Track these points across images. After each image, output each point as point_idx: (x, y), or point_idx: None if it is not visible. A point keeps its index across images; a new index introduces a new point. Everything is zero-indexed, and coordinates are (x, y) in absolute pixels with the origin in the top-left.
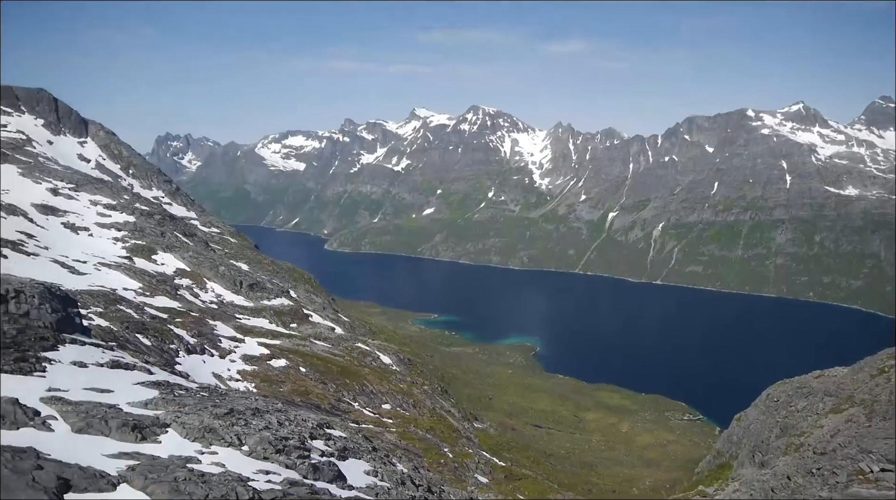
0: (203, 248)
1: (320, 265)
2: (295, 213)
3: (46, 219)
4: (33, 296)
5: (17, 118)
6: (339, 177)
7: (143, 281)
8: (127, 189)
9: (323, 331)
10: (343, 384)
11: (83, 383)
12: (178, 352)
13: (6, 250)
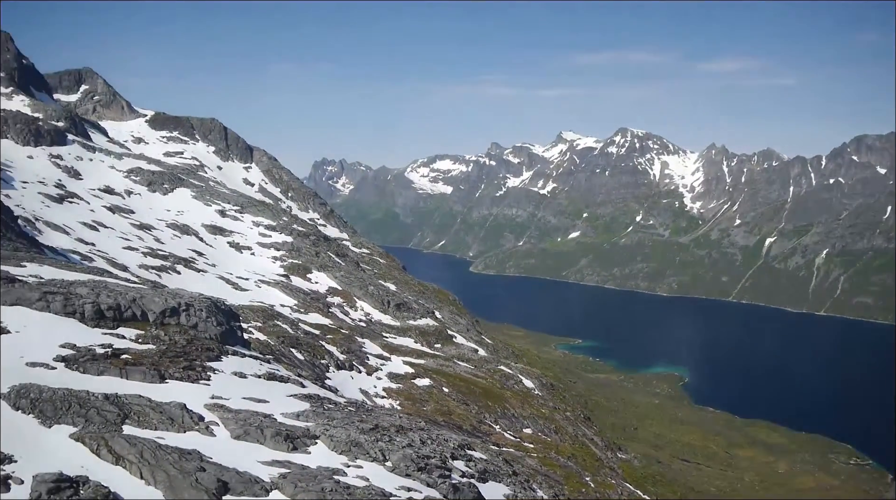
0: (354, 268)
1: (465, 287)
2: (441, 235)
3: (215, 238)
4: (201, 310)
5: (192, 146)
6: (485, 200)
7: (299, 298)
8: (286, 211)
9: (466, 352)
10: (485, 406)
11: (242, 393)
12: (328, 367)
13: (179, 266)
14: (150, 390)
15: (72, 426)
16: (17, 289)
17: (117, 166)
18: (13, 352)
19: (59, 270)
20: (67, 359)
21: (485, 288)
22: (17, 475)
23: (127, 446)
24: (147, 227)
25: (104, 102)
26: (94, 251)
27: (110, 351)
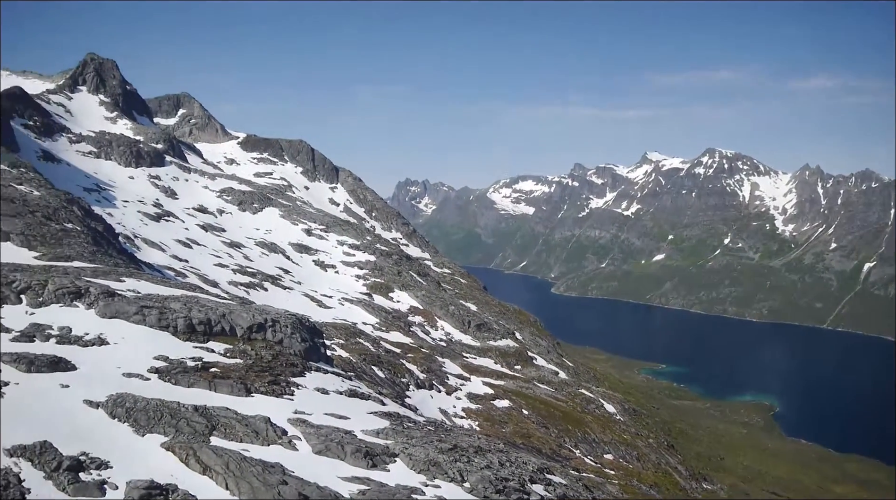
0: (435, 287)
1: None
2: (523, 256)
3: (301, 257)
4: (287, 326)
5: (280, 166)
6: (568, 221)
7: (381, 317)
8: (369, 231)
9: (546, 374)
10: (565, 430)
11: (324, 409)
12: (408, 386)
13: (266, 283)
14: (236, 403)
15: (163, 435)
16: (117, 303)
17: (210, 186)
18: (111, 363)
19: (155, 285)
20: (161, 371)
21: (566, 310)
22: (112, 480)
23: (214, 456)
24: (237, 245)
25: (200, 125)
26: (188, 268)
27: (200, 364)
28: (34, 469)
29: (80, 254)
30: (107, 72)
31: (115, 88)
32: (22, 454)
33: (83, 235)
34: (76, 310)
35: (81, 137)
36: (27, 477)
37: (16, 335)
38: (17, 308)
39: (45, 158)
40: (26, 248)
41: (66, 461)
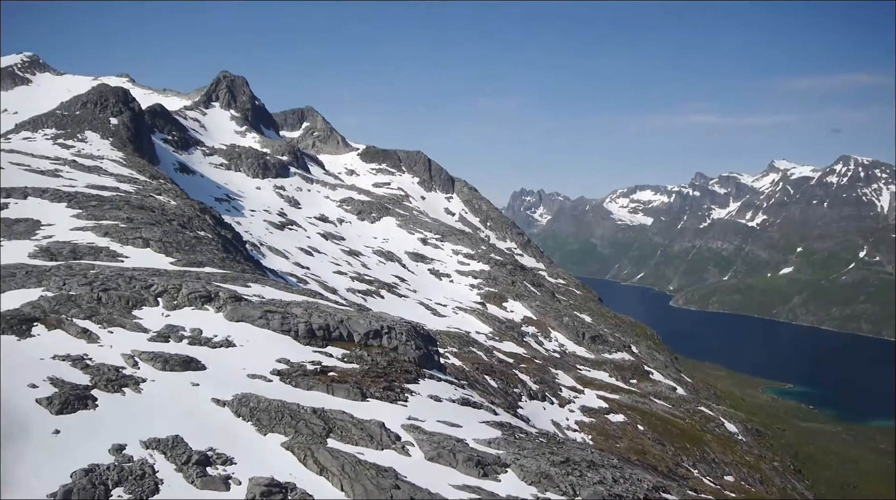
0: (549, 298)
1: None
2: (640, 267)
3: (416, 265)
4: (402, 333)
5: (398, 177)
6: (688, 232)
7: (494, 326)
8: (484, 240)
9: (663, 390)
10: (682, 448)
11: (437, 416)
12: (520, 396)
13: (383, 291)
14: (352, 407)
15: (283, 435)
16: (243, 307)
17: (331, 196)
18: (238, 364)
19: (278, 291)
20: (282, 373)
21: (685, 324)
22: (236, 475)
23: (330, 458)
24: (356, 253)
25: (322, 138)
26: (309, 275)
27: (319, 368)
28: (167, 461)
29: (211, 260)
30: (237, 88)
31: (245, 104)
32: (156, 447)
33: (214, 242)
34: (206, 313)
35: (214, 150)
36: (160, 468)
37: (153, 335)
38: (155, 310)
39: (181, 169)
40: (163, 254)
41: (195, 456)
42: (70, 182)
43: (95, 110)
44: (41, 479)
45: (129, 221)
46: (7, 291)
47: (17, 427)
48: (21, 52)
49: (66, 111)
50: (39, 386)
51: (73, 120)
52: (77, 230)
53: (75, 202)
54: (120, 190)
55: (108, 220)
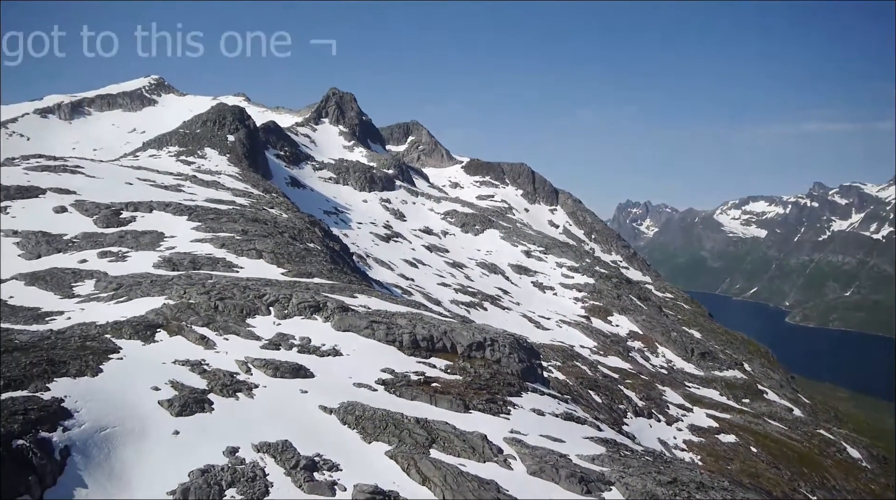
0: (656, 312)
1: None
2: (753, 282)
3: (519, 278)
4: (505, 346)
5: (502, 189)
6: (805, 245)
7: (598, 340)
8: (589, 253)
9: (779, 411)
10: (799, 473)
11: (539, 430)
12: (626, 413)
13: (486, 303)
14: (455, 419)
15: (387, 444)
16: (350, 317)
17: (436, 209)
18: (344, 372)
19: (383, 302)
20: (387, 383)
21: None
22: (341, 482)
23: (433, 468)
24: (459, 265)
25: (427, 151)
26: (413, 286)
27: (423, 379)
28: (276, 465)
29: (320, 271)
30: (346, 104)
31: (353, 119)
32: (266, 451)
33: (323, 254)
34: (315, 322)
35: (323, 164)
36: (270, 472)
37: (265, 343)
38: (267, 319)
39: (292, 183)
40: (275, 265)
41: (303, 461)
42: (191, 196)
43: (214, 128)
44: (162, 477)
45: (244, 234)
46: (134, 298)
47: (140, 427)
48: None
49: (188, 130)
50: (161, 389)
51: (194, 138)
52: (196, 242)
53: (195, 215)
54: (236, 204)
55: (224, 232)
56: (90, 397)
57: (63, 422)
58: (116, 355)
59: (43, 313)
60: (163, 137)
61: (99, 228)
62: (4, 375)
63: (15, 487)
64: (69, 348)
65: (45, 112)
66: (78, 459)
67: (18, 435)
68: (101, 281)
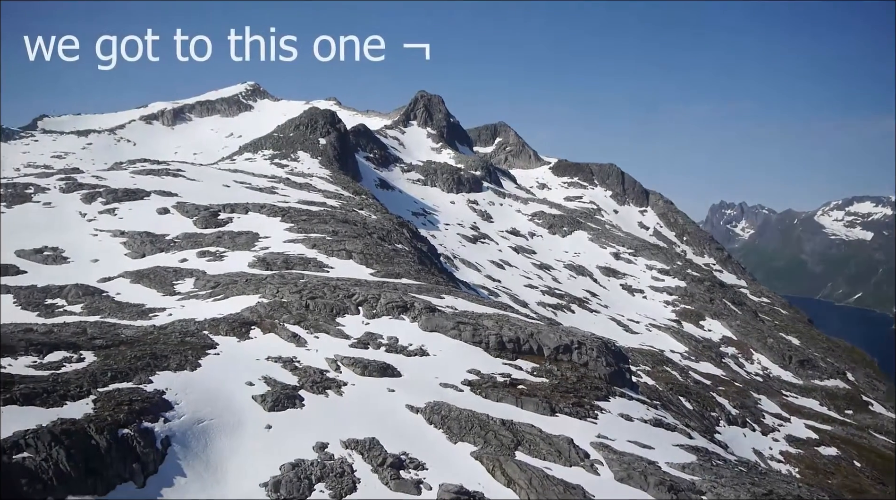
0: (751, 317)
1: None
2: (857, 287)
3: (608, 280)
4: (593, 349)
5: (590, 190)
6: None
7: (690, 345)
8: (680, 255)
9: (885, 423)
10: None
11: (627, 436)
12: (718, 421)
13: (573, 305)
14: (540, 422)
15: (472, 444)
16: (437, 318)
17: (523, 210)
18: (431, 373)
19: (470, 303)
20: (473, 383)
21: None
22: (427, 481)
23: (518, 471)
24: (546, 267)
25: (514, 152)
26: (500, 287)
27: (508, 380)
28: (364, 462)
29: (408, 272)
30: (434, 107)
31: (441, 121)
32: (354, 447)
33: (410, 254)
34: (402, 322)
35: (411, 166)
36: (358, 468)
37: (353, 342)
38: (356, 318)
39: (381, 185)
40: (364, 265)
41: (390, 459)
42: (284, 198)
43: (307, 132)
44: (255, 469)
45: (335, 234)
46: (230, 296)
47: (235, 421)
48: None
49: (282, 134)
50: (255, 384)
51: (287, 141)
52: (289, 242)
53: (288, 217)
54: (327, 205)
55: (316, 233)
56: (189, 390)
57: (164, 413)
58: (214, 351)
59: (147, 309)
60: (258, 141)
61: (198, 229)
62: (112, 367)
63: (120, 474)
64: (170, 343)
65: (149, 118)
66: (177, 449)
67: (123, 424)
68: (200, 279)
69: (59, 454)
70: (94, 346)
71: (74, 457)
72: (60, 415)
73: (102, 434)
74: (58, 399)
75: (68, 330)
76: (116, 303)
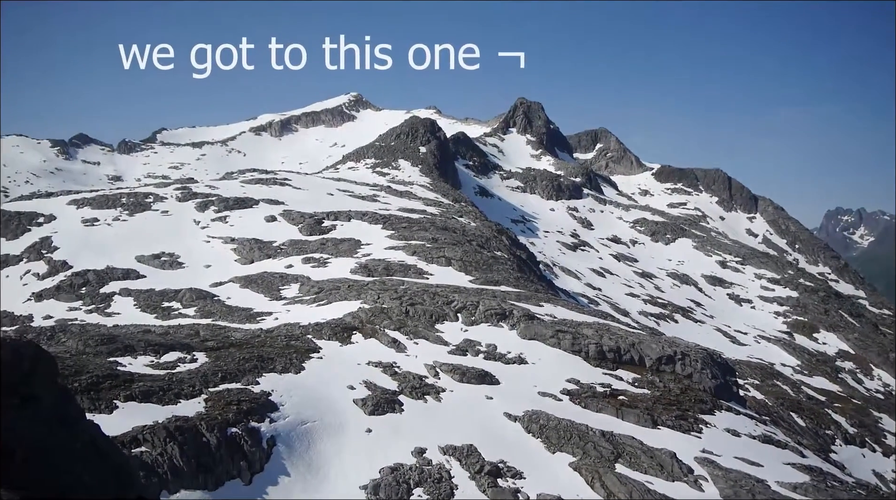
0: (871, 330)
1: None
2: None
3: (714, 289)
4: (697, 360)
5: (695, 196)
6: None
7: (802, 359)
8: (791, 264)
9: None
10: None
11: (734, 452)
12: (833, 439)
13: (677, 315)
14: (642, 434)
15: (571, 455)
16: (535, 326)
17: (624, 217)
18: (529, 381)
19: (569, 311)
20: (571, 393)
21: None
22: (524, 490)
23: (619, 483)
24: (648, 275)
25: (615, 158)
26: (600, 296)
27: (608, 391)
28: (461, 468)
29: (507, 279)
30: (533, 113)
31: (540, 128)
32: (452, 454)
33: (509, 262)
34: (500, 330)
35: (510, 173)
36: (456, 474)
37: (452, 348)
38: (455, 325)
39: (480, 193)
40: (463, 272)
41: (487, 466)
42: (385, 206)
43: (407, 141)
44: (356, 471)
45: (434, 242)
46: (333, 302)
47: (337, 423)
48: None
49: (383, 143)
50: (356, 388)
51: (389, 150)
52: (390, 249)
53: (389, 224)
54: (427, 213)
55: (416, 240)
56: (294, 392)
57: (270, 414)
58: (317, 355)
59: (254, 313)
60: (360, 150)
61: (303, 236)
62: (222, 368)
63: (229, 471)
64: (276, 347)
65: (258, 130)
66: (282, 449)
67: (232, 423)
68: (305, 285)
69: (173, 450)
70: (206, 347)
71: (187, 453)
72: (175, 412)
73: (213, 432)
74: (172, 397)
75: (183, 332)
76: (227, 307)
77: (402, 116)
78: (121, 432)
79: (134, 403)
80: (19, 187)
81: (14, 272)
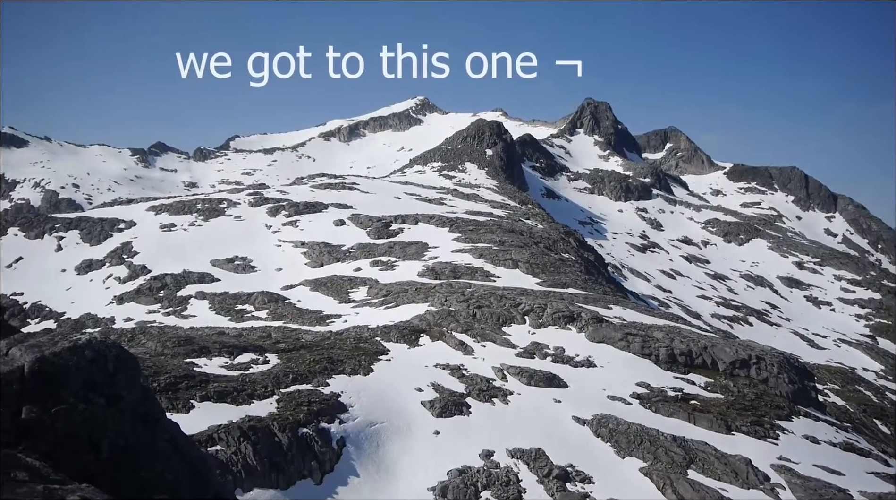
0: None
1: None
2: None
3: (790, 291)
4: (773, 364)
5: (769, 196)
6: None
7: (886, 363)
8: (874, 265)
9: None
10: None
11: (813, 459)
12: None
13: (751, 317)
14: (715, 440)
15: (641, 460)
16: (604, 328)
17: (695, 218)
18: (598, 384)
19: (638, 314)
20: (642, 397)
21: None
22: (593, 495)
23: (691, 490)
24: (721, 277)
25: (686, 158)
26: (670, 298)
27: (680, 395)
28: (529, 472)
29: (574, 281)
30: (601, 114)
31: (608, 129)
32: (520, 457)
33: (577, 264)
34: (568, 333)
35: (578, 175)
36: (524, 478)
37: (520, 351)
38: (522, 328)
39: (547, 195)
40: (530, 274)
41: (556, 470)
42: (452, 209)
43: (473, 143)
44: (424, 473)
45: (501, 244)
46: (401, 304)
47: (405, 425)
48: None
49: (449, 146)
50: (424, 390)
51: (455, 153)
52: (457, 252)
53: (455, 227)
54: (493, 215)
55: (482, 242)
56: (363, 393)
57: (340, 415)
58: (385, 357)
59: (324, 315)
60: (427, 154)
61: (371, 240)
62: (293, 370)
63: (300, 471)
64: (345, 349)
65: (327, 135)
66: (351, 450)
67: (303, 424)
68: (373, 288)
69: (246, 449)
70: (277, 349)
71: (260, 452)
72: (248, 413)
73: (284, 432)
74: (246, 398)
75: (255, 334)
76: (297, 309)
77: (468, 118)
78: (197, 431)
79: (209, 403)
80: (102, 195)
81: (97, 276)
